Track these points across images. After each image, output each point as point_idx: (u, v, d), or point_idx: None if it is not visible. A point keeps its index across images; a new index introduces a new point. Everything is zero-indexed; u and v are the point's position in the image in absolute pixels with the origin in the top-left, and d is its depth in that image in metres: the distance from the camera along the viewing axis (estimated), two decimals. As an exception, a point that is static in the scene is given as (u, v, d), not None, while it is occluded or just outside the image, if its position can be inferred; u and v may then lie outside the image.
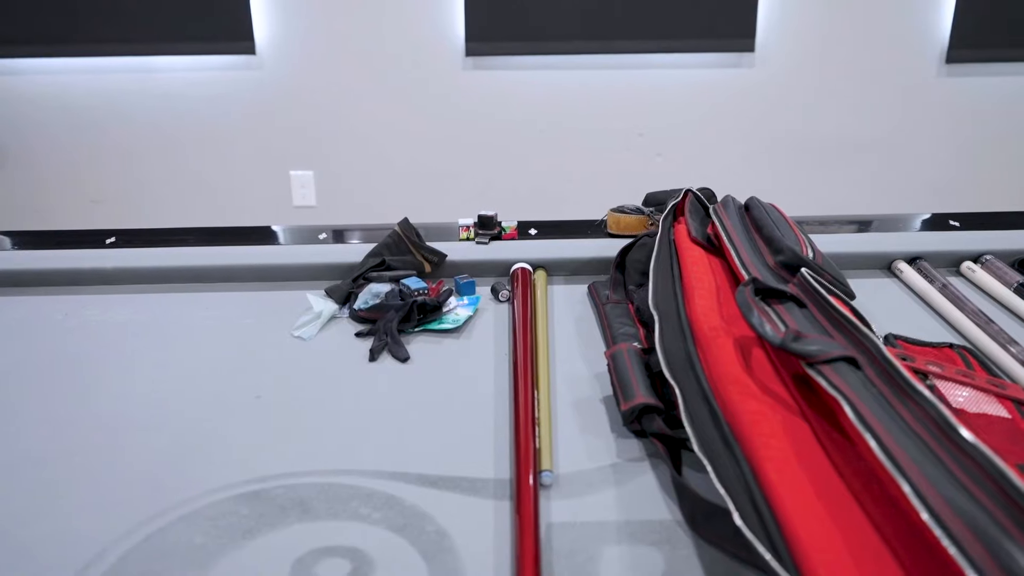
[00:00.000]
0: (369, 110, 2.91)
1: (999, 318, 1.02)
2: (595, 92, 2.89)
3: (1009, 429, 0.77)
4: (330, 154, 2.96)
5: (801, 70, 2.86)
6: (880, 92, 2.89)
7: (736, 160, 2.97)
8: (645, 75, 2.87)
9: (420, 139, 2.92)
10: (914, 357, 0.86)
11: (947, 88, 2.90)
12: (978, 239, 1.17)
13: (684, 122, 2.93)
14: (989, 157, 2.98)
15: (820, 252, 0.97)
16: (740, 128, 2.94)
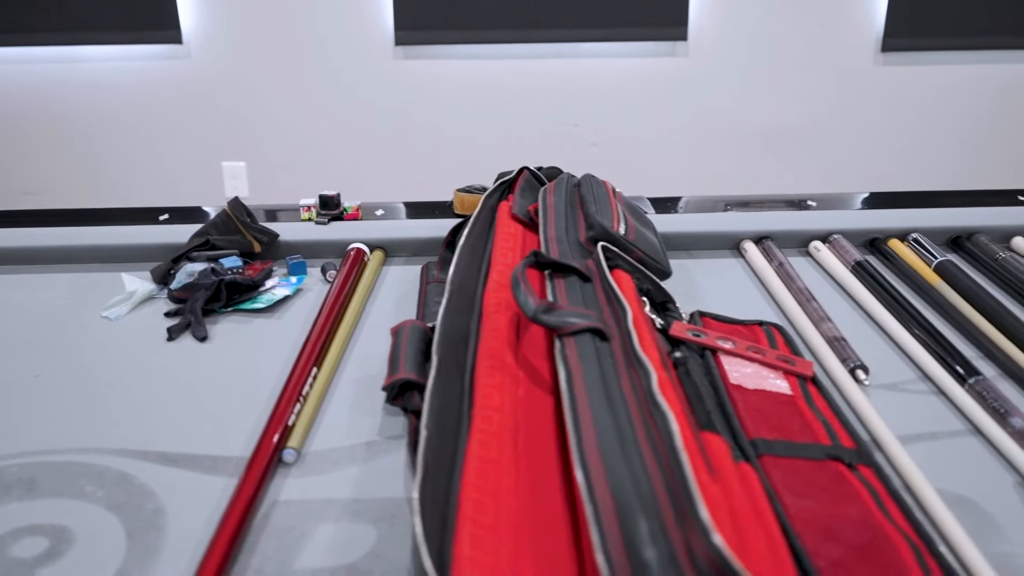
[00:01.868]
0: (300, 100, 2.88)
1: (831, 296, 1.00)
2: (528, 82, 2.86)
3: (786, 405, 0.75)
4: (262, 144, 2.93)
5: (735, 59, 2.84)
6: (815, 80, 2.87)
7: (673, 149, 2.95)
8: (579, 64, 2.84)
9: (352, 129, 2.89)
10: (706, 333, 0.83)
11: (882, 76, 2.88)
12: (829, 219, 1.15)
13: (619, 111, 2.91)
14: (924, 144, 2.96)
15: (635, 228, 0.95)
16: (676, 117, 2.92)
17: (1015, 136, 2.97)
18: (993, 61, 2.88)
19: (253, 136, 2.93)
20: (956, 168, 2.99)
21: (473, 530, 0.50)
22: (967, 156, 2.98)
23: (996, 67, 2.89)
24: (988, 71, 2.89)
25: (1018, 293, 0.98)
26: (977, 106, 2.93)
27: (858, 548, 0.57)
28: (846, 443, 0.70)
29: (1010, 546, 0.60)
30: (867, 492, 0.63)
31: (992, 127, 2.97)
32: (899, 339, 0.88)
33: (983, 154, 2.99)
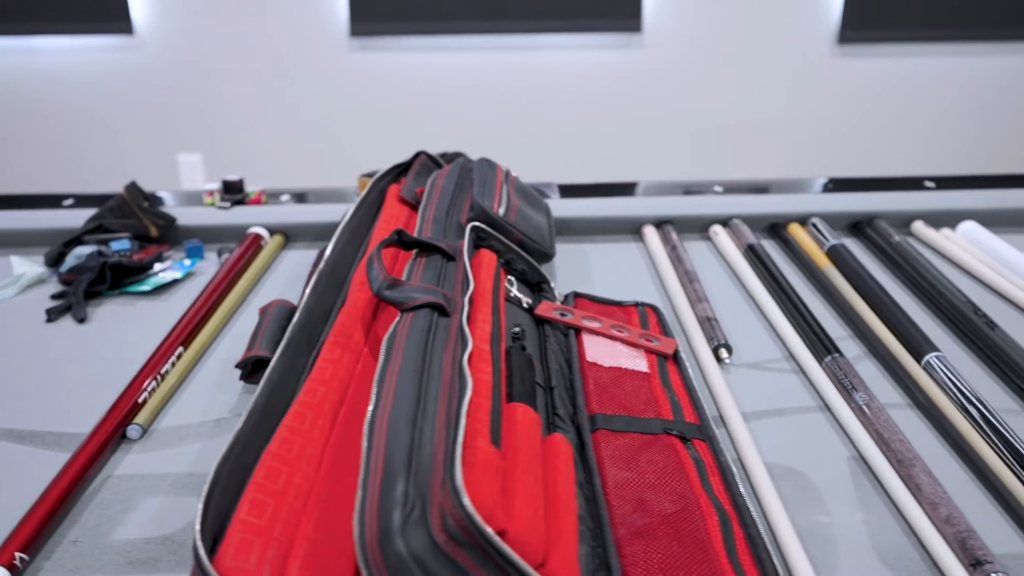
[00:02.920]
0: (255, 92, 2.87)
1: (720, 279, 1.00)
2: (485, 74, 2.86)
3: (638, 382, 0.75)
4: (218, 137, 2.92)
5: (691, 51, 2.85)
6: (772, 73, 2.88)
7: (630, 140, 2.95)
8: (535, 56, 2.84)
9: (309, 121, 2.89)
10: (573, 312, 0.83)
11: (839, 68, 2.88)
12: (733, 204, 1.16)
13: (576, 103, 2.91)
14: (880, 136, 2.97)
15: (517, 210, 0.95)
16: (633, 109, 2.92)
17: (969, 126, 2.98)
18: (948, 54, 2.89)
19: (209, 128, 2.93)
20: (914, 159, 3.00)
21: (255, 495, 0.50)
22: (923, 147, 2.99)
23: (951, 60, 2.90)
24: (943, 64, 2.90)
25: (905, 275, 0.99)
26: (932, 98, 2.94)
27: (665, 517, 0.57)
28: (689, 419, 0.70)
29: (827, 517, 0.60)
30: (693, 465, 0.63)
31: (947, 118, 2.98)
32: (773, 319, 0.89)
33: (939, 144, 3.00)
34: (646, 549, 0.53)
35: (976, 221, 1.11)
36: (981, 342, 0.83)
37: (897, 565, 0.56)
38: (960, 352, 0.83)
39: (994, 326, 0.84)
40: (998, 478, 0.63)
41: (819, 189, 1.22)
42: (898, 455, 0.65)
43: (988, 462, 0.65)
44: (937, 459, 0.67)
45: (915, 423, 0.72)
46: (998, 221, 1.13)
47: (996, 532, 0.59)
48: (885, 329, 0.85)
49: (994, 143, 3.00)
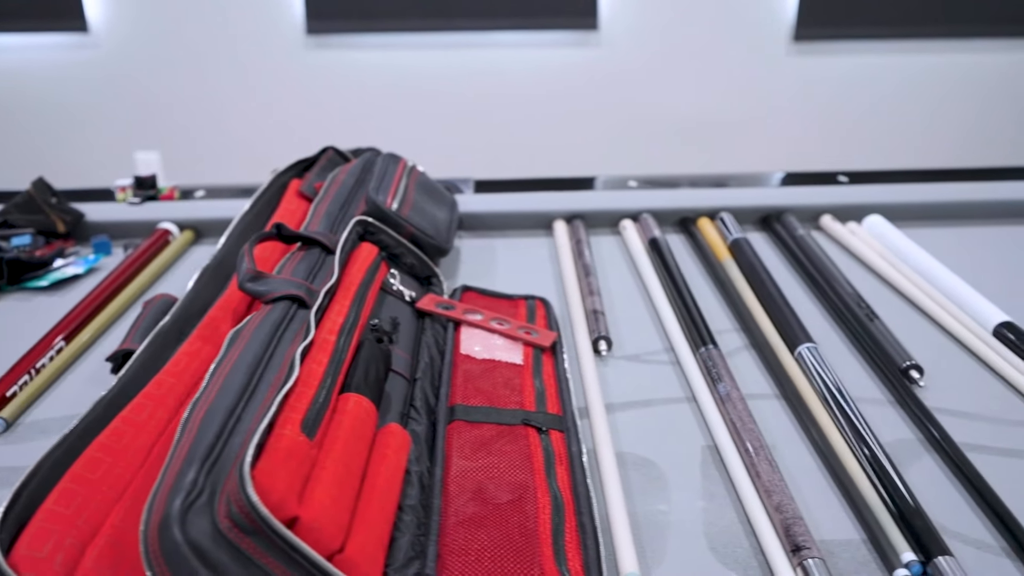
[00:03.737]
0: (212, 89, 2.87)
1: (621, 272, 1.01)
2: (441, 71, 2.86)
3: (509, 374, 0.76)
4: (176, 134, 2.91)
5: (647, 49, 2.85)
6: (730, 70, 2.89)
7: (588, 138, 2.96)
8: (491, 54, 2.85)
9: (266, 118, 2.88)
10: (455, 306, 0.84)
11: (795, 65, 2.90)
12: (646, 198, 1.16)
13: (533, 101, 2.91)
14: (835, 132, 2.99)
15: (412, 205, 0.96)
16: (590, 107, 2.92)
17: (922, 121, 3.00)
18: (902, 51, 2.91)
19: (166, 126, 2.92)
20: (868, 154, 3.02)
21: (67, 485, 0.50)
22: (878, 142, 3.01)
23: (905, 57, 2.91)
24: (898, 60, 2.92)
25: (802, 268, 0.99)
26: (887, 94, 2.96)
27: (498, 506, 0.57)
28: (552, 410, 0.71)
29: (667, 505, 0.61)
30: (542, 455, 0.64)
31: (901, 113, 3.00)
32: (661, 312, 0.89)
33: (893, 139, 3.02)
34: (467, 537, 0.54)
35: (882, 215, 1.12)
36: (859, 333, 0.83)
37: (724, 551, 0.56)
38: (840, 343, 0.84)
39: (873, 318, 0.85)
40: (842, 466, 0.64)
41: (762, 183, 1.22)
42: (747, 444, 0.65)
43: (837, 450, 0.65)
44: (792, 447, 0.68)
45: (778, 412, 0.73)
46: (904, 215, 1.14)
47: (833, 518, 0.60)
48: (767, 321, 0.86)
49: (945, 138, 3.02)
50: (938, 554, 0.53)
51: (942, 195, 1.15)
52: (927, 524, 0.56)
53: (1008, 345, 0.80)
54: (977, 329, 0.84)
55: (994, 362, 0.79)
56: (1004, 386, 0.76)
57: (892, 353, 0.79)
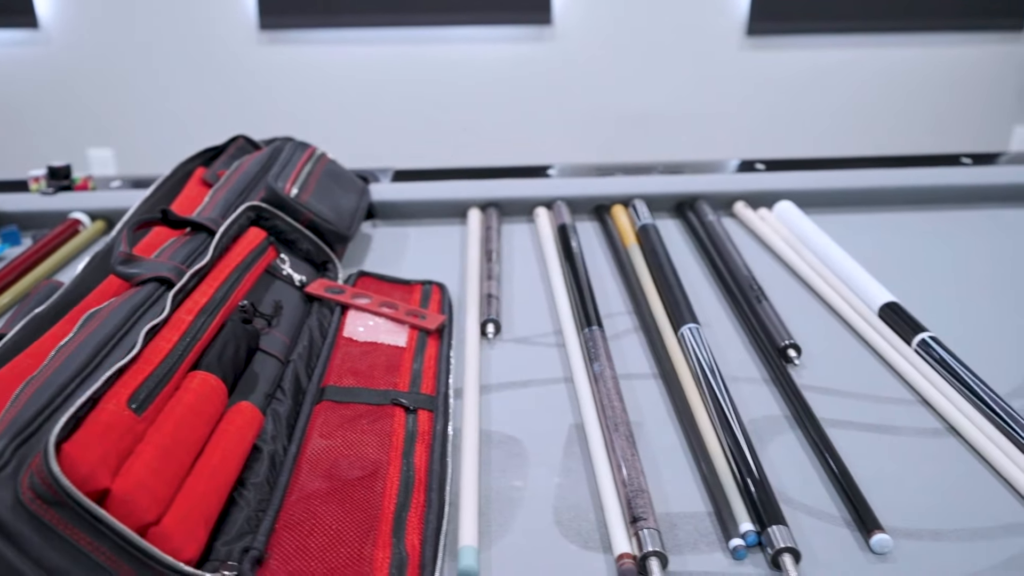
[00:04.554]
0: (165, 86, 2.85)
1: (526, 257, 1.01)
2: (396, 67, 2.86)
3: (389, 356, 0.76)
4: (129, 131, 2.90)
5: (603, 44, 2.86)
6: (684, 64, 2.90)
7: (544, 134, 2.96)
8: (447, 50, 2.85)
9: (220, 114, 2.87)
10: (344, 290, 0.84)
11: (748, 60, 2.91)
12: (562, 186, 1.17)
13: (489, 97, 2.92)
14: (789, 125, 3.01)
15: (313, 192, 0.96)
16: (546, 102, 2.93)
17: (871, 113, 3.02)
18: (853, 45, 2.93)
19: (119, 123, 2.90)
20: (821, 146, 3.04)
21: None
22: (828, 132, 3.03)
23: (856, 51, 2.94)
24: (849, 55, 2.94)
25: (706, 252, 1.00)
26: (838, 87, 2.98)
27: (346, 482, 0.58)
28: (425, 390, 0.71)
29: (523, 481, 0.61)
30: (403, 434, 0.64)
31: (852, 106, 3.02)
32: (557, 296, 0.90)
33: (846, 132, 3.04)
34: (307, 512, 0.54)
35: (793, 202, 1.13)
36: (746, 315, 0.84)
37: (569, 524, 0.57)
38: (728, 324, 0.85)
39: (762, 299, 0.86)
40: (703, 442, 0.64)
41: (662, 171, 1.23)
42: (608, 421, 0.66)
43: (700, 427, 0.66)
44: (660, 425, 0.68)
45: (653, 391, 0.73)
46: (816, 201, 1.15)
47: (685, 492, 0.60)
48: (659, 303, 0.87)
49: (892, 127, 3.04)
50: (772, 524, 0.54)
51: (850, 182, 1.16)
52: (769, 496, 0.57)
53: (889, 324, 0.81)
54: (864, 310, 0.85)
55: (874, 341, 0.80)
56: (881, 364, 0.77)
57: (773, 333, 0.79)
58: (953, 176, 1.18)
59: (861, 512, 0.56)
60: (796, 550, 0.52)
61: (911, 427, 0.68)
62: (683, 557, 0.54)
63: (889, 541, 0.54)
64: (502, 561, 0.54)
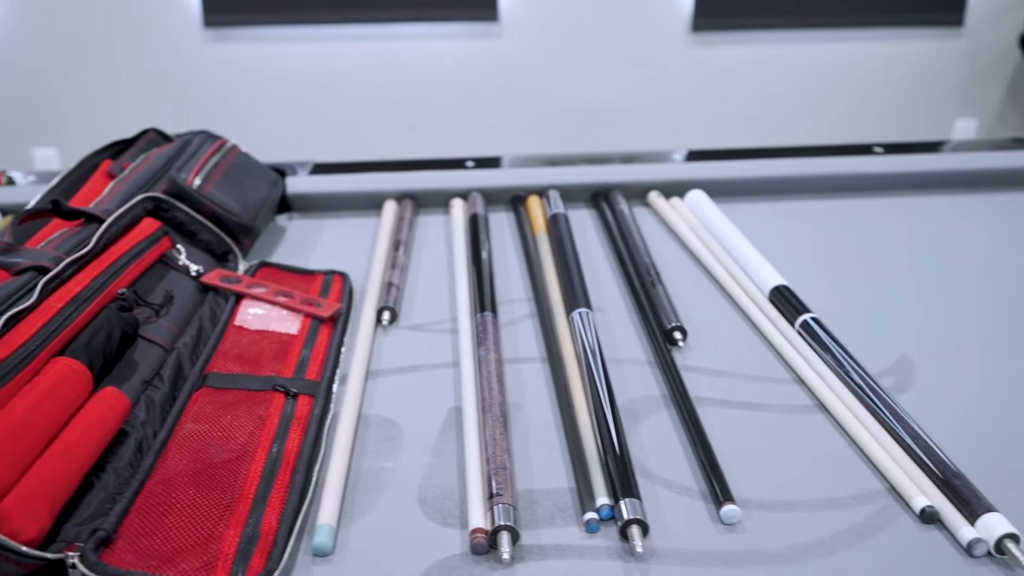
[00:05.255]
0: (108, 84, 2.83)
1: (436, 247, 1.02)
2: (342, 64, 2.86)
3: (279, 344, 0.76)
4: (74, 130, 2.87)
5: (550, 40, 2.88)
6: (631, 59, 2.92)
7: (493, 130, 2.97)
8: (395, 46, 2.85)
9: (166, 112, 2.85)
10: (241, 280, 0.84)
11: (694, 55, 2.94)
12: (479, 177, 1.17)
13: (438, 93, 2.92)
14: (734, 120, 3.04)
15: (217, 184, 0.96)
16: (495, 98, 2.94)
17: (816, 108, 3.07)
18: (797, 41, 2.97)
19: (64, 122, 2.87)
20: (767, 139, 3.07)
21: None
22: (777, 128, 3.06)
23: (800, 47, 2.98)
24: (793, 50, 2.98)
25: (612, 240, 1.02)
26: (783, 81, 3.02)
27: (211, 465, 0.58)
28: (310, 376, 0.72)
29: (393, 462, 0.62)
30: (278, 419, 0.65)
31: (798, 100, 3.06)
32: (458, 283, 0.91)
33: (791, 126, 3.08)
34: (165, 494, 0.55)
35: (706, 191, 1.15)
36: (641, 299, 0.86)
37: (432, 502, 0.58)
38: (624, 309, 0.86)
39: (656, 284, 0.87)
40: (575, 422, 0.65)
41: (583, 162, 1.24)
42: (486, 403, 0.67)
43: (576, 408, 0.67)
44: (539, 406, 0.69)
45: (538, 374, 0.74)
46: (728, 191, 1.17)
47: (552, 469, 0.61)
48: (557, 289, 0.88)
49: (837, 121, 3.08)
50: (625, 497, 0.55)
51: (761, 171, 1.18)
52: (627, 471, 0.58)
53: (777, 307, 0.83)
54: (755, 293, 0.87)
55: (761, 323, 0.81)
56: (765, 345, 0.79)
57: (662, 317, 0.81)
58: (862, 165, 1.20)
59: (716, 485, 0.58)
60: (643, 522, 0.53)
61: (783, 405, 0.69)
62: (538, 531, 0.55)
63: (737, 512, 0.55)
64: (360, 538, 0.55)
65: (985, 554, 0.52)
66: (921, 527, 0.55)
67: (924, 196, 1.17)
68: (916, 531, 0.55)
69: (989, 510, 0.53)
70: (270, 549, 0.51)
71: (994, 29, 3.03)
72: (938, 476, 0.58)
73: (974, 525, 0.53)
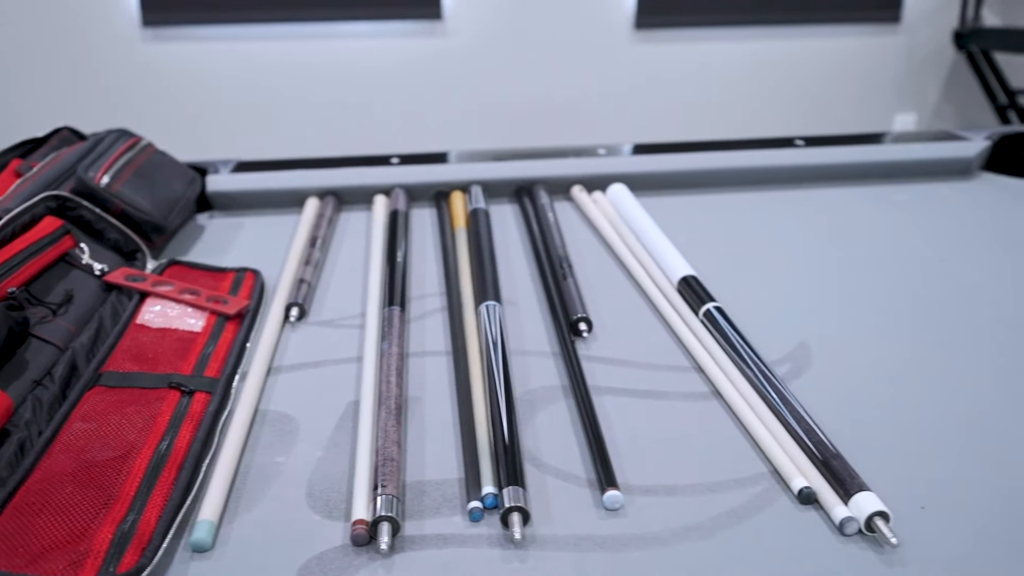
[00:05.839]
0: (47, 85, 2.78)
1: (356, 243, 1.02)
2: (285, 62, 2.83)
3: (181, 341, 0.76)
4: (9, 130, 2.81)
5: (493, 38, 2.88)
6: (576, 57, 2.94)
7: (439, 127, 2.97)
8: (339, 45, 2.83)
9: (105, 114, 2.80)
10: (145, 278, 0.83)
11: (637, 52, 2.96)
12: (404, 173, 1.17)
13: (383, 92, 2.91)
14: (679, 116, 3.07)
15: (127, 182, 0.95)
16: (440, 96, 2.93)
17: (757, 104, 3.10)
18: (738, 39, 3.00)
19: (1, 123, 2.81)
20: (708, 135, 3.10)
21: None
22: (718, 123, 3.10)
23: (741, 44, 3.01)
24: (734, 47, 3.01)
25: (530, 232, 1.02)
26: (725, 78, 3.05)
27: (93, 463, 0.58)
28: (209, 373, 0.71)
29: (285, 456, 0.62)
30: (170, 416, 0.64)
31: (739, 97, 3.09)
32: (370, 278, 0.91)
33: (732, 121, 3.11)
34: (40, 492, 0.54)
35: (627, 185, 1.16)
36: (551, 292, 0.86)
37: (319, 495, 0.58)
38: (535, 301, 0.87)
39: (567, 277, 0.88)
40: (471, 414, 0.66)
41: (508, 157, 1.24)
42: (382, 397, 0.67)
43: (474, 400, 0.67)
44: (439, 399, 0.69)
45: (441, 367, 0.74)
46: (648, 185, 1.18)
47: (444, 461, 0.61)
48: (469, 283, 0.88)
49: (778, 117, 3.12)
50: (509, 486, 0.55)
51: (682, 164, 1.19)
52: (514, 460, 0.58)
53: (683, 297, 0.84)
54: (665, 284, 0.88)
55: (667, 313, 0.82)
56: (669, 335, 0.80)
57: (569, 308, 0.81)
58: (783, 158, 1.22)
59: (602, 472, 0.58)
60: (524, 509, 0.54)
61: (680, 392, 0.70)
62: (423, 521, 0.55)
63: (619, 497, 0.56)
64: (243, 533, 0.54)
65: (856, 532, 0.53)
66: (799, 508, 0.56)
67: (843, 188, 1.19)
68: (794, 512, 0.56)
69: (862, 489, 0.55)
70: (145, 545, 0.51)
71: (929, 26, 3.09)
72: (818, 458, 0.59)
73: (847, 504, 0.54)
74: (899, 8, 3.01)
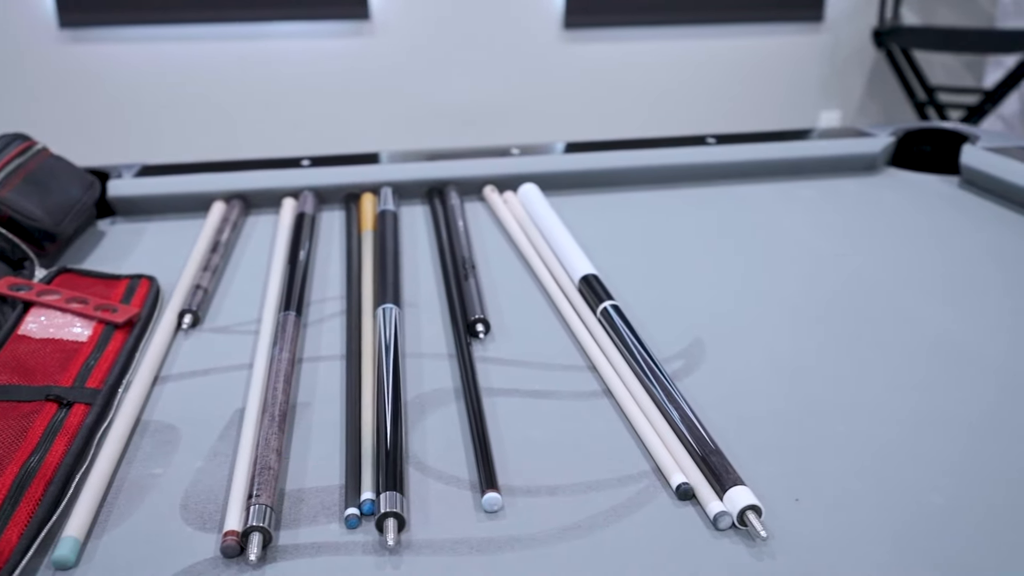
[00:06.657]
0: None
1: (261, 245, 1.00)
2: (209, 64, 2.78)
3: (64, 352, 0.73)
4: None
5: (422, 38, 2.87)
6: (505, 57, 2.94)
7: (368, 130, 2.94)
8: (266, 46, 2.79)
9: (21, 119, 2.72)
10: (31, 287, 0.81)
11: (566, 52, 2.98)
12: (313, 176, 1.16)
13: (311, 93, 2.87)
14: (608, 115, 3.10)
15: (15, 188, 0.92)
16: (369, 96, 2.91)
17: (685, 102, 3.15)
18: (665, 38, 3.04)
19: (-90, 128, 2.71)
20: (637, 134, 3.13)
21: None
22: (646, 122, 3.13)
23: (668, 43, 3.05)
24: (661, 46, 3.05)
25: (437, 234, 1.01)
26: (652, 77, 3.09)
27: (-46, 481, 0.55)
28: (91, 384, 0.69)
29: (163, 468, 0.61)
30: (44, 429, 0.62)
31: (666, 95, 3.13)
32: (270, 283, 0.89)
33: (660, 119, 3.15)
34: None
35: (539, 185, 1.16)
36: (452, 293, 0.86)
37: (194, 507, 0.56)
38: (437, 303, 0.86)
39: (469, 278, 0.87)
40: (357, 419, 0.65)
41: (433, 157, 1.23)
42: (267, 404, 0.65)
43: (362, 405, 0.67)
44: (327, 405, 0.69)
45: (333, 371, 0.73)
46: (560, 184, 1.18)
47: (324, 468, 0.61)
48: (370, 286, 0.87)
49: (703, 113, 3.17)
50: (387, 491, 0.55)
51: (592, 163, 1.20)
52: (394, 465, 0.58)
53: (582, 295, 0.84)
54: (567, 283, 0.88)
55: (567, 313, 0.82)
56: (567, 334, 0.80)
57: (468, 310, 0.81)
58: (693, 155, 1.23)
59: (483, 474, 0.58)
60: (399, 514, 0.53)
61: (572, 391, 0.70)
62: (298, 530, 0.54)
63: (497, 499, 0.56)
64: (110, 549, 0.53)
65: (730, 526, 0.54)
66: (677, 504, 0.56)
67: (754, 184, 1.21)
68: (672, 508, 0.56)
69: (737, 484, 0.55)
70: (3, 564, 0.49)
71: (851, 24, 3.16)
72: (697, 453, 0.59)
73: (722, 499, 0.55)
74: (822, 7, 3.07)
